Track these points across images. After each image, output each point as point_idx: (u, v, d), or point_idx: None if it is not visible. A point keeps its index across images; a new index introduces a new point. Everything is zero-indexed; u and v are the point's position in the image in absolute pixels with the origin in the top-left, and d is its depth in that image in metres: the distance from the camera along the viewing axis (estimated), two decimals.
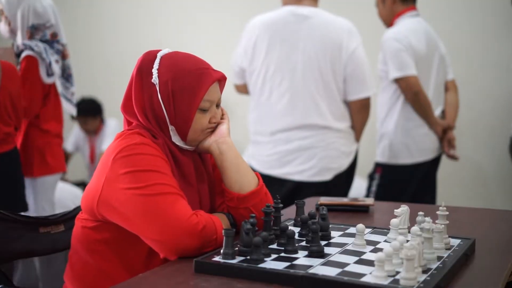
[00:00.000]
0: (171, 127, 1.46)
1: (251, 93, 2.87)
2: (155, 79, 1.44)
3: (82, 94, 5.09)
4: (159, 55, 1.48)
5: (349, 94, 2.79)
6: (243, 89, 2.98)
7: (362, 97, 2.79)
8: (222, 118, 1.54)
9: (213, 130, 1.51)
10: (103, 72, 5.72)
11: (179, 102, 1.44)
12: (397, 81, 3.13)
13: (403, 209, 1.44)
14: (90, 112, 4.86)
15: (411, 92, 3.10)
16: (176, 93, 1.43)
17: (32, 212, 2.76)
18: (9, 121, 2.58)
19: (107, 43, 5.74)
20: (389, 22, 3.29)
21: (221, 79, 1.50)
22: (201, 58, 1.51)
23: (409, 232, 1.41)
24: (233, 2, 5.13)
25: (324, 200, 1.95)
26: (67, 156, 4.74)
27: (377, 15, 3.37)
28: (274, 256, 1.28)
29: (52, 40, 2.81)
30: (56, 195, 3.23)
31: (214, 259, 1.26)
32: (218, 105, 1.52)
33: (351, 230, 1.51)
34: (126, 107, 1.50)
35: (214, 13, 5.21)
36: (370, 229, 1.51)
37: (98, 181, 1.40)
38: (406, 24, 3.19)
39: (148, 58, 1.48)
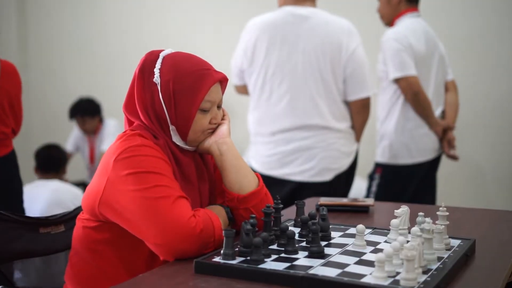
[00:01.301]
0: (171, 127, 1.46)
1: (251, 93, 2.86)
2: (156, 78, 1.45)
3: (81, 94, 5.10)
4: (161, 55, 1.48)
5: (349, 94, 2.79)
6: (242, 90, 2.98)
7: (362, 97, 2.79)
8: (223, 119, 1.54)
9: (213, 130, 1.51)
10: (103, 72, 5.72)
11: (180, 102, 1.44)
12: (397, 81, 3.13)
13: (403, 210, 1.44)
14: (88, 112, 4.85)
15: (411, 92, 3.10)
16: (177, 93, 1.44)
17: None
18: (6, 121, 2.52)
19: (107, 43, 5.74)
20: (390, 20, 3.29)
21: (223, 80, 1.50)
22: (203, 59, 1.51)
23: (409, 232, 1.41)
24: (233, 2, 5.13)
25: (324, 200, 1.95)
26: (67, 157, 4.74)
27: (377, 10, 3.35)
28: (274, 256, 1.28)
29: None
30: (56, 195, 3.23)
31: (214, 259, 1.26)
32: (219, 107, 1.52)
33: (351, 230, 1.51)
34: (128, 106, 1.51)
35: (214, 14, 5.21)
36: (370, 230, 1.51)
37: (100, 182, 1.41)
38: (406, 24, 3.19)
39: (150, 58, 1.48)
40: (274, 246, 1.37)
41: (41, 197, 3.19)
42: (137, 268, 1.43)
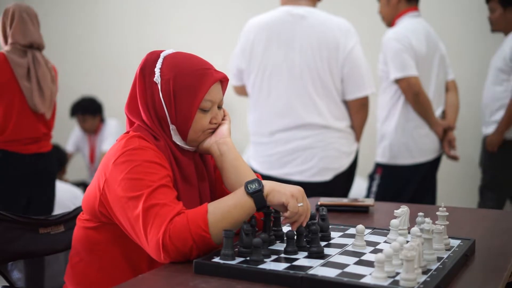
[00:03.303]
0: (172, 126, 1.46)
1: (250, 93, 2.86)
2: (157, 77, 1.45)
3: (82, 94, 5.10)
4: (162, 54, 1.48)
5: (347, 94, 2.78)
6: (241, 90, 2.98)
7: (360, 96, 2.79)
8: (223, 119, 1.53)
9: (213, 130, 1.51)
10: (104, 72, 5.72)
11: (180, 101, 1.44)
12: (398, 81, 3.13)
13: (403, 210, 1.44)
14: (88, 110, 4.86)
15: (411, 93, 3.10)
16: (177, 92, 1.44)
17: None
18: (50, 123, 2.89)
19: (108, 43, 5.74)
20: (390, 20, 3.29)
21: (223, 80, 1.50)
22: (204, 59, 1.51)
23: (409, 233, 1.41)
24: (232, 3, 5.13)
25: (324, 200, 1.95)
26: (67, 157, 4.74)
27: (378, 11, 3.36)
28: (274, 257, 1.28)
29: None
30: (56, 195, 3.23)
31: (213, 260, 1.26)
32: (220, 107, 1.52)
33: (351, 230, 1.51)
34: (130, 107, 1.50)
35: (213, 14, 5.21)
36: (370, 230, 1.51)
37: (99, 183, 1.41)
38: (407, 24, 3.20)
39: (151, 58, 1.48)
40: (274, 247, 1.37)
41: None
42: (141, 265, 1.43)
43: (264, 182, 1.37)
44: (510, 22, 3.48)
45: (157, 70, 1.45)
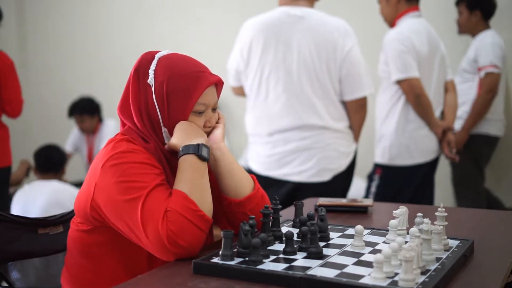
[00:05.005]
0: (164, 129, 1.45)
1: (248, 94, 2.86)
2: (151, 79, 1.43)
3: (81, 94, 5.10)
4: (157, 56, 1.47)
5: (345, 94, 2.78)
6: (239, 91, 2.98)
7: (358, 97, 2.79)
8: (217, 122, 1.52)
9: (207, 134, 1.50)
10: (103, 72, 5.72)
11: (173, 103, 1.42)
12: (399, 82, 3.13)
13: (401, 210, 1.45)
14: (86, 110, 4.85)
15: (413, 94, 3.10)
16: (170, 94, 1.42)
17: None
18: None
19: (106, 43, 5.74)
20: (391, 21, 3.29)
21: (218, 83, 1.49)
22: (199, 61, 1.49)
23: (407, 233, 1.41)
24: (231, 3, 5.13)
25: (323, 201, 1.95)
26: (67, 157, 4.74)
27: (379, 12, 3.35)
28: (272, 257, 1.28)
29: None
30: (55, 196, 3.23)
31: (212, 260, 1.26)
32: (214, 109, 1.50)
33: (350, 231, 1.51)
34: (123, 108, 1.49)
35: (212, 15, 5.21)
36: (369, 230, 1.51)
37: (89, 187, 1.40)
38: (409, 24, 3.19)
39: (146, 59, 1.47)
40: (273, 247, 1.37)
41: (40, 198, 3.18)
42: (138, 268, 1.42)
43: (195, 139, 1.41)
44: (474, 25, 3.82)
45: (151, 72, 1.43)
